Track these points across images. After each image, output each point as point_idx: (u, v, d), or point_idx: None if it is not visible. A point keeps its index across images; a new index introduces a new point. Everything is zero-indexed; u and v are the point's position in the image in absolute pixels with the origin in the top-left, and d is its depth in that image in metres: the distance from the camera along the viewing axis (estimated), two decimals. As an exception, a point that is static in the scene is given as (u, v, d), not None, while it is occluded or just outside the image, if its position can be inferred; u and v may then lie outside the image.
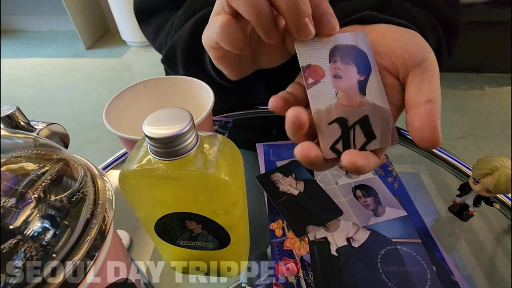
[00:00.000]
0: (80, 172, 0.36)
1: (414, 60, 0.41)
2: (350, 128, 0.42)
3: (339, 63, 0.43)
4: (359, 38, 0.45)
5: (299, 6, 0.39)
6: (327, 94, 0.42)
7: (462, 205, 0.70)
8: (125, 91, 0.67)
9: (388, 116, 0.42)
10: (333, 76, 0.43)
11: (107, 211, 0.35)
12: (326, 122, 0.42)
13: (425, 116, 0.37)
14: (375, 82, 0.43)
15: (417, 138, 0.37)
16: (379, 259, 0.60)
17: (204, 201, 0.43)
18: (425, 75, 0.40)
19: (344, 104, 0.42)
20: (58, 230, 0.29)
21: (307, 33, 0.41)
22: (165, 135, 0.35)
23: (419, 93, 0.39)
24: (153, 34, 0.93)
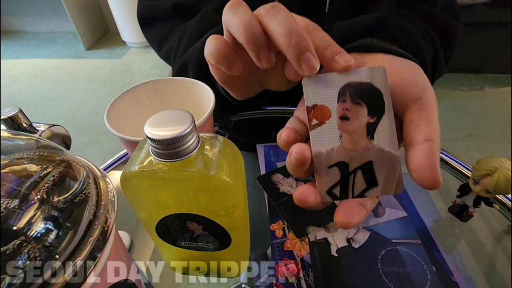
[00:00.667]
0: (82, 174, 0.36)
1: (412, 96, 0.41)
2: (351, 173, 0.40)
3: (348, 102, 0.40)
4: (376, 74, 0.40)
5: (297, 42, 0.39)
6: (330, 136, 0.40)
7: (462, 205, 0.71)
8: (126, 92, 0.67)
9: (395, 163, 0.39)
10: (339, 118, 0.40)
11: (109, 212, 0.35)
12: (326, 165, 0.40)
13: (424, 157, 0.36)
14: (386, 125, 0.40)
15: (416, 179, 0.36)
16: (379, 259, 0.60)
17: (205, 202, 0.43)
18: (423, 112, 0.40)
19: (347, 148, 0.40)
20: (61, 231, 0.29)
21: (310, 67, 0.39)
22: (167, 137, 0.35)
23: (418, 131, 0.39)
24: (157, 42, 0.93)
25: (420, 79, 0.43)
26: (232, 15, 0.43)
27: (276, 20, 0.40)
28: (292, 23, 0.39)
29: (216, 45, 0.45)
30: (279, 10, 0.41)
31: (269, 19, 0.41)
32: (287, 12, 0.41)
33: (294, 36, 0.39)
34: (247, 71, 0.51)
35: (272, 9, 0.41)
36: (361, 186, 0.40)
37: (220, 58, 0.45)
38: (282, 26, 0.39)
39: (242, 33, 0.42)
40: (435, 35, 0.73)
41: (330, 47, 0.41)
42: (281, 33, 0.39)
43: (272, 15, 0.41)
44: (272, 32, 0.40)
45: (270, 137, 0.91)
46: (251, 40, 0.41)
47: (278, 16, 0.40)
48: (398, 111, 0.42)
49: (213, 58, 0.46)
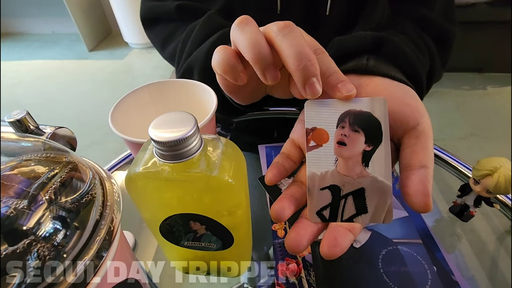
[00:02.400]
0: (89, 175, 0.36)
1: (410, 123, 0.42)
2: (342, 198, 0.41)
3: (347, 129, 0.42)
4: (377, 104, 0.41)
5: (306, 66, 0.39)
6: (326, 159, 0.42)
7: (463, 205, 0.71)
8: (130, 94, 0.68)
9: (387, 193, 0.40)
10: (337, 142, 0.42)
11: (115, 213, 0.36)
12: (318, 187, 0.41)
13: (418, 183, 0.38)
14: (382, 155, 0.41)
15: (409, 202, 0.38)
16: (380, 259, 0.60)
17: (208, 203, 0.44)
18: (419, 138, 0.41)
19: (341, 173, 0.41)
20: (68, 231, 0.30)
21: (313, 92, 0.40)
22: (171, 138, 0.36)
23: (414, 157, 0.40)
24: (161, 42, 0.93)
25: (417, 105, 0.45)
26: (240, 32, 0.44)
27: (288, 41, 0.41)
28: (304, 46, 0.40)
29: (223, 55, 0.46)
30: (292, 30, 0.42)
31: (281, 38, 0.41)
32: (300, 34, 0.42)
33: (304, 61, 0.39)
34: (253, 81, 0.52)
35: (285, 28, 0.42)
36: (351, 211, 0.41)
37: (226, 69, 0.46)
38: (294, 48, 0.40)
39: (249, 52, 0.42)
40: (432, 41, 0.73)
41: (335, 75, 0.42)
42: (292, 55, 0.40)
43: (285, 35, 0.41)
44: (283, 52, 0.41)
45: (272, 137, 0.92)
46: (257, 59, 0.42)
47: (290, 37, 0.41)
48: (395, 136, 0.44)
49: (219, 68, 0.47)
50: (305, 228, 0.41)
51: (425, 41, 0.72)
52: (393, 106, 0.43)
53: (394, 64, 0.56)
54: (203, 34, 0.77)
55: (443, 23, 0.77)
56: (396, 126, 0.43)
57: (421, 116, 0.43)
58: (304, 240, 0.40)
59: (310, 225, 0.41)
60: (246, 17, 0.45)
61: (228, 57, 0.46)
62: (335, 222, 0.41)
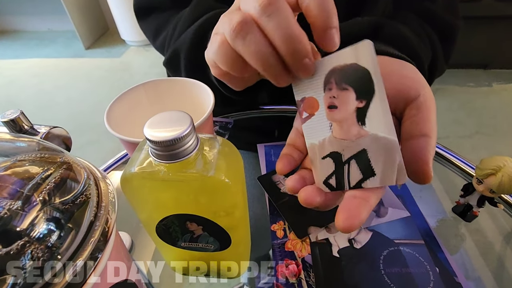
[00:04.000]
0: (83, 175, 0.37)
1: (411, 95, 0.41)
2: (345, 163, 0.39)
3: (334, 90, 0.39)
4: (361, 51, 0.37)
5: (296, 50, 0.38)
6: (321, 127, 0.40)
7: (466, 205, 0.71)
8: (126, 93, 0.68)
9: (393, 150, 0.36)
10: (327, 107, 0.40)
11: (110, 213, 0.36)
12: (320, 157, 0.40)
13: (417, 150, 0.37)
14: (378, 107, 0.37)
15: (409, 173, 0.36)
16: (381, 260, 0.60)
17: (204, 203, 0.44)
18: (421, 109, 0.40)
19: (338, 137, 0.40)
20: (62, 232, 0.30)
21: (306, 72, 0.39)
22: (166, 138, 0.36)
23: (415, 127, 0.39)
24: (153, 33, 0.93)
25: (417, 78, 0.44)
26: (243, 43, 0.40)
27: (274, 23, 0.38)
28: (291, 27, 0.38)
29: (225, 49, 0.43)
30: (277, 9, 0.38)
31: (265, 19, 0.38)
32: (286, 11, 0.38)
33: (293, 44, 0.38)
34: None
35: (269, 7, 0.38)
36: (357, 176, 0.38)
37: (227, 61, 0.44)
38: (281, 31, 0.38)
39: (258, 66, 0.40)
40: (435, 34, 0.73)
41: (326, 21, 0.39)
42: (280, 39, 0.38)
43: (269, 16, 0.38)
44: (270, 35, 0.39)
45: (271, 136, 0.92)
46: (268, 70, 0.40)
47: (276, 18, 0.38)
48: (397, 110, 0.42)
49: (220, 61, 0.45)
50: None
51: (428, 32, 0.72)
52: (393, 80, 0.43)
53: (393, 47, 0.55)
54: (191, 18, 0.77)
55: (446, 16, 0.77)
56: (398, 99, 0.42)
57: (422, 87, 0.42)
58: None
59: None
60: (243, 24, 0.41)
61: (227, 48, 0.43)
62: (348, 193, 0.39)
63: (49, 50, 4.68)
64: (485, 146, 2.71)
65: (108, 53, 4.55)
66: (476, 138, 2.81)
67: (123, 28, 4.53)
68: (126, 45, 4.70)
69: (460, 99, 3.25)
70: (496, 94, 3.31)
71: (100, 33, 4.96)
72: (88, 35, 4.67)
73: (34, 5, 4.93)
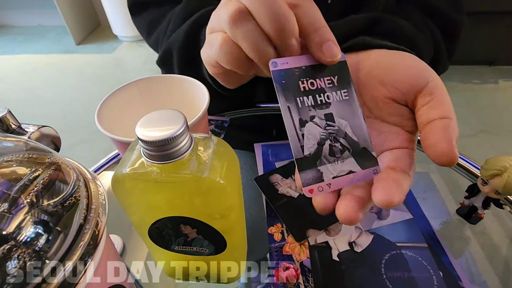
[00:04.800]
0: (73, 176, 0.37)
1: (420, 83, 0.42)
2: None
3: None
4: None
5: (284, 26, 0.39)
6: None
7: (471, 207, 0.70)
8: (117, 91, 0.68)
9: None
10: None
11: (100, 216, 0.36)
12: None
13: (439, 131, 0.37)
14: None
15: (432, 154, 0.37)
16: (382, 264, 0.60)
17: (199, 205, 0.44)
18: (434, 94, 0.40)
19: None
20: (51, 236, 0.30)
21: (292, 52, 0.41)
22: (158, 138, 0.36)
23: (432, 112, 0.39)
24: (147, 29, 0.93)
25: (421, 65, 0.44)
26: (235, 32, 0.42)
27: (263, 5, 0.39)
28: (279, 5, 0.39)
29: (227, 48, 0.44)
30: None
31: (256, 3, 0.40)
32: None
33: (280, 22, 0.39)
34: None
35: None
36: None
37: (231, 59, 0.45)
38: (268, 10, 0.39)
39: (253, 56, 0.42)
40: (437, 30, 0.73)
41: (320, 32, 0.41)
42: (267, 18, 0.39)
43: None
44: (259, 17, 0.40)
45: (269, 135, 0.92)
46: (261, 59, 0.42)
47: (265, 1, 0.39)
48: (408, 100, 0.43)
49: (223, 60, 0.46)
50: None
51: (430, 27, 0.72)
52: (399, 72, 0.44)
53: (390, 40, 0.56)
54: (183, 15, 0.77)
55: (449, 12, 0.77)
56: (407, 90, 0.42)
57: (428, 73, 0.42)
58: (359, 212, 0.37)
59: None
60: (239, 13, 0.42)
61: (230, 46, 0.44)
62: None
63: (38, 45, 4.68)
64: (491, 145, 2.71)
65: (99, 49, 4.55)
66: (481, 137, 2.81)
67: (115, 23, 4.53)
68: (118, 41, 4.70)
69: (465, 97, 3.25)
70: (502, 92, 3.31)
71: (91, 28, 4.95)
72: (79, 30, 4.66)
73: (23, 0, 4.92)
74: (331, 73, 0.42)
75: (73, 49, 4.55)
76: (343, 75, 0.42)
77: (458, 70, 3.45)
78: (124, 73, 4.04)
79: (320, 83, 0.41)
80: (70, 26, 4.47)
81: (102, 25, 5.08)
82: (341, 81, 0.42)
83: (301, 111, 0.41)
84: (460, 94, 3.28)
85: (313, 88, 0.41)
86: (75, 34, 4.58)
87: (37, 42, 4.76)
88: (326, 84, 0.41)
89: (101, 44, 4.65)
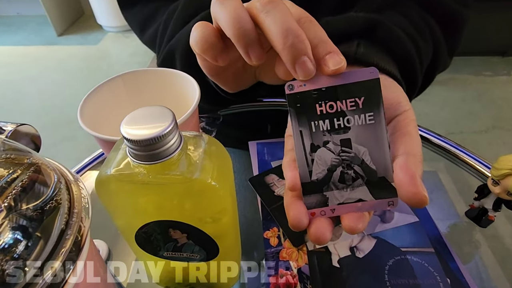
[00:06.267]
0: (53, 178, 0.37)
1: (390, 114, 0.44)
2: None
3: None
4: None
5: (294, 44, 0.39)
6: None
7: (481, 209, 0.70)
8: (102, 86, 0.68)
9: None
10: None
11: (83, 221, 0.36)
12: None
13: (399, 171, 0.38)
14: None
15: (400, 196, 0.38)
16: (386, 270, 0.60)
17: (189, 208, 0.44)
18: (397, 129, 0.42)
19: None
20: (30, 242, 0.30)
21: (305, 72, 0.40)
22: (145, 137, 0.36)
23: (396, 147, 0.41)
24: (140, 25, 0.93)
25: (397, 97, 0.46)
26: (220, 7, 0.44)
27: (272, 17, 0.41)
28: (290, 22, 0.40)
29: (202, 33, 0.46)
30: (277, 5, 0.41)
31: (265, 15, 0.41)
32: (286, 8, 0.42)
33: (291, 38, 0.39)
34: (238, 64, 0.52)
35: (269, 4, 0.42)
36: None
37: (205, 47, 0.46)
38: (279, 25, 0.40)
39: (230, 28, 0.42)
40: (437, 26, 0.73)
41: (322, 45, 0.42)
42: (277, 32, 0.40)
43: (269, 11, 0.41)
44: (267, 30, 0.41)
45: (264, 132, 0.91)
46: (240, 35, 0.42)
47: (275, 13, 0.41)
48: None
49: (198, 47, 0.47)
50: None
51: (430, 25, 0.71)
52: None
53: (385, 49, 0.57)
54: (186, 15, 0.77)
55: (453, 5, 0.76)
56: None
57: (398, 104, 0.44)
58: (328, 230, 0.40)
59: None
60: None
61: (207, 34, 0.46)
62: None
63: (17, 37, 4.67)
64: (503, 142, 2.71)
65: (83, 40, 4.54)
66: (492, 133, 2.81)
67: (100, 12, 4.51)
68: (103, 31, 4.69)
69: (476, 90, 3.24)
70: (516, 84, 3.31)
71: (74, 18, 4.94)
72: (60, 20, 4.65)
73: (0, -13, 4.91)
74: (356, 94, 0.41)
75: (54, 40, 4.54)
76: (372, 96, 0.41)
77: (469, 61, 3.45)
78: (110, 66, 4.04)
79: (340, 105, 0.41)
80: (51, 16, 4.45)
81: (85, 14, 5.07)
82: (367, 103, 0.41)
83: (314, 136, 0.41)
84: (471, 87, 3.27)
85: (331, 111, 0.41)
86: (56, 24, 4.56)
87: (16, 33, 4.75)
88: (348, 106, 0.41)
89: (85, 35, 4.64)
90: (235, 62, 0.52)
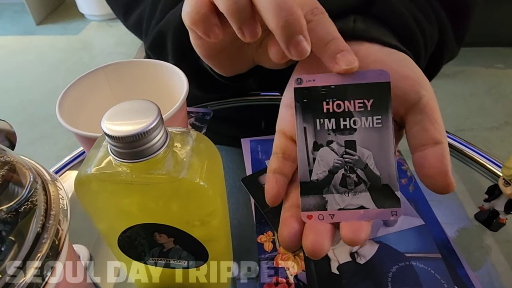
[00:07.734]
0: (29, 178, 0.36)
1: (411, 98, 0.43)
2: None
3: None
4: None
5: (288, 22, 0.39)
6: None
7: (491, 211, 0.70)
8: (82, 78, 0.68)
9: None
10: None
11: (61, 223, 0.36)
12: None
13: (435, 163, 0.39)
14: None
15: (429, 185, 0.40)
16: (389, 278, 0.60)
17: (176, 211, 0.44)
18: (425, 113, 0.42)
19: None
20: (3, 246, 0.30)
21: (299, 52, 0.41)
22: (128, 133, 0.36)
23: (424, 134, 0.41)
24: (123, 8, 0.92)
25: (415, 76, 0.45)
26: None
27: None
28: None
29: (194, 3, 0.46)
30: None
31: None
32: None
33: (286, 15, 0.39)
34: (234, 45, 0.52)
35: None
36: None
37: (196, 18, 0.46)
38: (273, 1, 0.40)
39: (223, 2, 0.42)
40: (444, 11, 0.72)
41: (334, 42, 0.42)
42: (271, 8, 0.40)
43: None
44: (261, 6, 0.41)
45: (258, 129, 0.91)
46: (233, 10, 0.42)
47: None
48: (397, 114, 0.45)
49: (189, 19, 0.47)
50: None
51: (435, 9, 0.71)
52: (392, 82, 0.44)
53: (385, 26, 0.57)
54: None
55: None
56: (397, 105, 0.44)
57: (422, 87, 0.44)
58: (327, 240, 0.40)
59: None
60: None
61: (199, 5, 0.46)
62: None
63: (-8, 26, 4.66)
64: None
65: (64, 29, 4.53)
66: (505, 130, 2.81)
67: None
68: (85, 20, 4.68)
69: (487, 83, 3.25)
70: (530, 78, 3.31)
71: (54, 6, 4.93)
72: (39, 8, 4.64)
73: (-27, -28, 4.90)
74: (365, 95, 0.42)
75: (33, 30, 4.53)
76: (381, 100, 0.42)
77: (479, 52, 3.44)
78: (92, 57, 4.03)
79: (348, 105, 0.42)
80: (29, 3, 4.44)
81: (66, 2, 5.06)
82: (376, 106, 0.42)
83: (318, 134, 0.42)
84: (482, 80, 3.28)
85: (338, 111, 0.42)
86: (35, 12, 4.55)
87: (-9, 22, 4.75)
88: (356, 107, 0.42)
89: (65, 24, 4.63)
90: (231, 43, 0.52)
